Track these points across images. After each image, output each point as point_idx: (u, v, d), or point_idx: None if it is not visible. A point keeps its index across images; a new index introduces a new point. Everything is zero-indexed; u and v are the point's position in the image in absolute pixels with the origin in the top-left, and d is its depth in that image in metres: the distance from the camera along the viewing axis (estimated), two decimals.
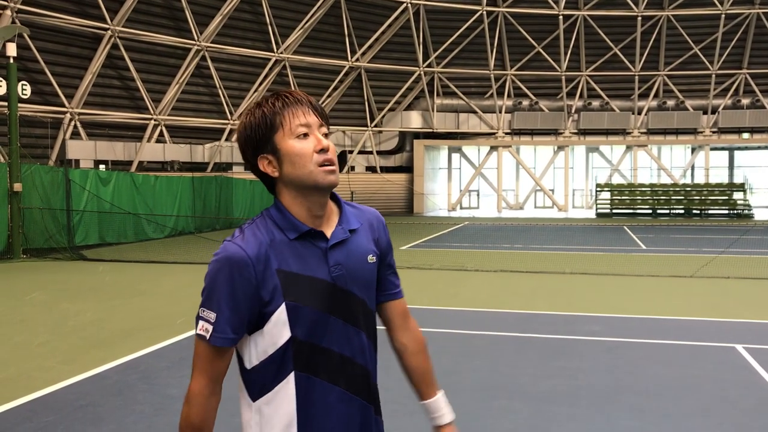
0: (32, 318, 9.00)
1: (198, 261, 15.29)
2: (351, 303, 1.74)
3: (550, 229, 25.85)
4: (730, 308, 9.56)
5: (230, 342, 1.68)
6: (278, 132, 1.69)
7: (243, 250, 1.65)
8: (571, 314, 9.12)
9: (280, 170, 1.72)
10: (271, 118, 1.70)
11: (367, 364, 1.79)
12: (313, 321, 1.68)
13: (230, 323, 1.65)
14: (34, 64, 25.28)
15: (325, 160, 1.69)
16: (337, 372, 1.73)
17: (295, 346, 1.68)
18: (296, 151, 1.68)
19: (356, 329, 1.76)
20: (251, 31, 33.67)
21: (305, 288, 1.67)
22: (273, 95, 1.74)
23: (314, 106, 1.74)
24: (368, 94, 37.84)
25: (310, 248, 1.70)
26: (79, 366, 6.50)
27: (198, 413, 1.70)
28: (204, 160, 31.91)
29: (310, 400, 1.71)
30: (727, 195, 35.36)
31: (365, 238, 1.80)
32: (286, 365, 1.69)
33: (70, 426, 4.90)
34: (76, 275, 13.25)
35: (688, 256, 16.05)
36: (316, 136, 1.71)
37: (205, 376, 1.71)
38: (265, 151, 1.71)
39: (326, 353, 1.71)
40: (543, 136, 39.71)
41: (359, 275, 1.76)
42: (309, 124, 1.70)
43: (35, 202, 16.84)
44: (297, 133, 1.69)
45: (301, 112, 1.70)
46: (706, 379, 6.04)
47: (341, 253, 1.73)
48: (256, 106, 1.74)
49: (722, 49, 38.10)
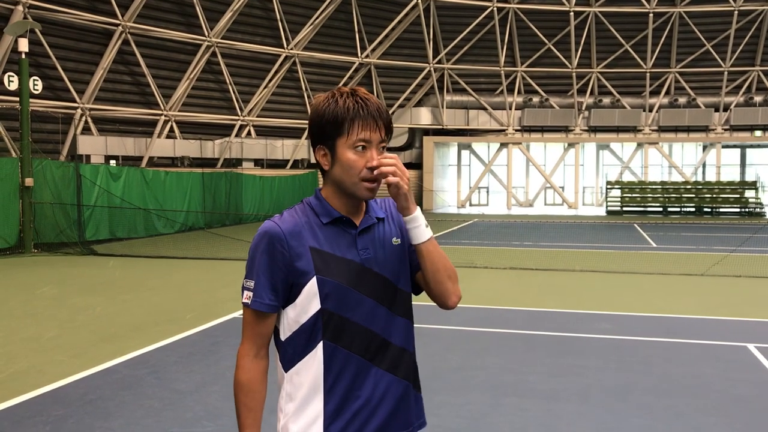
0: (43, 312, 9.05)
1: (208, 257, 15.33)
2: (380, 283, 1.90)
3: (560, 226, 25.76)
4: (741, 307, 9.49)
5: (267, 307, 1.88)
6: (341, 137, 1.84)
7: (279, 226, 1.87)
8: (581, 312, 9.08)
9: (330, 167, 1.88)
10: (341, 120, 1.83)
11: (400, 341, 1.94)
12: (342, 296, 1.86)
13: (267, 290, 1.87)
14: (45, 59, 25.38)
15: (370, 177, 1.84)
16: (367, 346, 1.88)
17: (324, 318, 1.86)
18: (349, 162, 1.84)
19: (386, 308, 1.91)
20: (261, 27, 33.68)
21: (336, 266, 1.86)
22: (353, 94, 1.86)
23: (384, 120, 1.87)
24: (378, 90, 37.78)
25: (341, 233, 1.90)
26: (88, 360, 6.52)
27: (243, 373, 1.91)
28: (214, 156, 31.98)
29: (337, 368, 1.87)
30: (738, 193, 35.11)
31: (389, 225, 1.98)
32: (315, 335, 1.87)
33: (79, 420, 4.92)
34: (86, 270, 13.30)
35: (699, 254, 15.95)
36: (372, 153, 1.85)
37: (249, 341, 1.92)
38: (325, 145, 1.88)
39: (355, 327, 1.87)
40: (553, 133, 39.54)
41: (388, 258, 1.93)
42: (370, 140, 1.84)
43: (46, 197, 16.92)
44: (356, 145, 1.83)
45: (368, 126, 1.84)
46: (717, 378, 6.00)
47: (369, 238, 1.92)
48: (335, 97, 1.87)
49: (735, 46, 37.79)
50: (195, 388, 5.67)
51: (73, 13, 26.09)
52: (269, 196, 28.92)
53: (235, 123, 33.20)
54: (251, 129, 33.81)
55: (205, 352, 6.85)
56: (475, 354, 6.81)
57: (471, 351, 6.92)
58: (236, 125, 33.21)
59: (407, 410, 1.95)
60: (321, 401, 1.87)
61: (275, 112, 34.97)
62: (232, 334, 7.63)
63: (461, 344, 7.17)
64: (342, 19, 35.62)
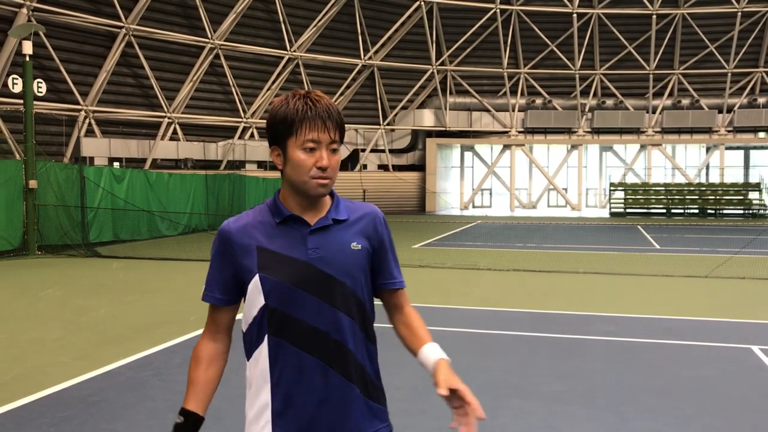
0: (46, 314, 9.06)
1: None
2: (328, 283, 1.92)
3: (564, 228, 25.73)
4: (745, 309, 9.46)
5: (216, 300, 2.03)
6: (291, 137, 1.90)
7: (230, 225, 1.99)
8: (585, 314, 9.06)
9: (283, 167, 1.95)
10: (290, 121, 1.89)
11: (345, 341, 1.94)
12: (285, 293, 1.91)
13: (216, 284, 2.02)
14: (49, 62, 25.44)
15: (320, 176, 1.90)
16: (310, 343, 1.92)
17: (268, 313, 1.93)
18: (299, 161, 1.90)
19: (332, 307, 1.93)
20: (264, 30, 33.73)
21: (280, 265, 1.91)
22: (303, 97, 1.92)
23: (333, 121, 1.91)
24: (381, 92, 37.80)
25: (291, 232, 1.95)
26: (92, 362, 6.53)
27: (195, 349, 2.07)
28: (217, 158, 32.02)
29: (282, 363, 1.93)
30: (742, 195, 35.05)
31: (352, 229, 2.00)
32: (263, 329, 1.96)
33: (83, 422, 4.92)
34: (90, 272, 13.32)
35: (702, 256, 15.92)
36: (322, 152, 1.90)
37: (206, 327, 2.11)
38: (278, 146, 1.94)
39: (298, 323, 1.92)
40: (556, 135, 39.51)
41: (339, 259, 1.95)
42: (319, 141, 1.89)
43: (50, 199, 16.95)
44: (305, 146, 1.89)
45: (316, 127, 1.88)
46: (721, 381, 5.98)
47: (321, 239, 1.95)
48: (287, 99, 1.93)
49: (738, 47, 37.73)
50: None
51: (76, 16, 26.15)
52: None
53: (239, 125, 33.24)
54: (254, 131, 33.84)
55: None
56: (478, 356, 6.79)
57: (474, 353, 6.91)
58: (239, 127, 33.24)
59: (357, 414, 1.93)
60: (269, 392, 1.94)
61: None
62: (235, 336, 7.60)
63: (464, 346, 7.16)
64: (345, 21, 35.65)
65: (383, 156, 38.18)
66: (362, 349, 1.99)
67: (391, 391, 1.92)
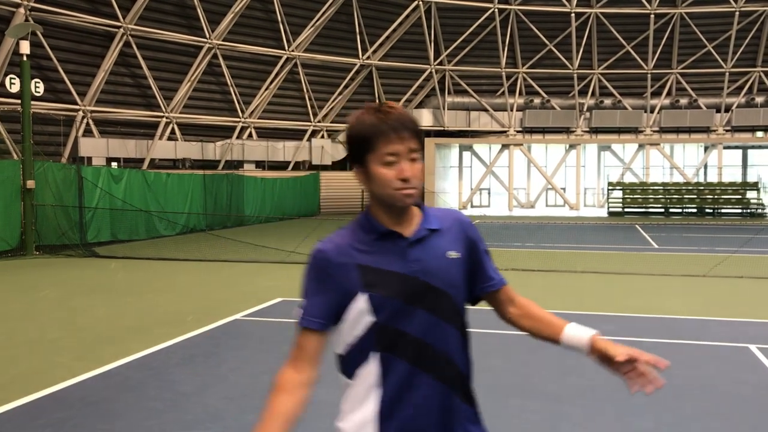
0: (44, 314, 9.05)
1: (209, 258, 15.32)
2: (433, 294, 1.92)
3: (562, 227, 25.74)
4: (743, 308, 9.47)
5: (317, 324, 1.93)
6: (370, 154, 1.89)
7: (326, 247, 1.93)
8: (583, 313, 9.07)
9: (368, 184, 1.94)
10: (366, 138, 1.89)
11: (449, 351, 1.97)
12: (393, 308, 1.89)
13: (316, 308, 1.92)
14: (47, 61, 25.42)
15: (403, 187, 1.89)
16: (418, 356, 1.91)
17: (378, 330, 1.90)
18: (380, 176, 1.89)
19: (438, 318, 1.94)
20: (263, 29, 33.71)
21: (386, 280, 1.89)
22: (375, 111, 1.91)
23: (408, 130, 1.90)
24: (379, 92, 37.80)
25: (390, 247, 1.93)
26: (90, 362, 6.52)
27: (280, 378, 1.94)
28: (215, 158, 31.99)
29: (389, 378, 1.90)
30: (740, 194, 35.07)
31: (446, 237, 2.00)
32: (369, 348, 1.91)
33: (80, 422, 4.91)
34: (88, 272, 13.31)
35: (700, 255, 15.93)
36: (402, 164, 1.88)
37: (294, 358, 1.95)
38: (359, 163, 1.93)
39: (406, 338, 1.90)
40: (555, 135, 39.52)
41: (440, 270, 1.94)
42: (397, 153, 1.88)
43: (48, 199, 16.93)
44: (384, 160, 1.88)
45: (391, 140, 1.87)
46: (719, 380, 5.99)
47: (420, 251, 1.94)
48: (361, 116, 1.92)
49: (736, 46, 37.76)
50: (197, 390, 5.66)
51: (74, 16, 26.13)
52: (270, 198, 28.91)
53: (237, 125, 33.22)
54: (252, 131, 33.83)
55: (206, 354, 6.84)
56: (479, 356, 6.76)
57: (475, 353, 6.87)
58: (237, 127, 33.23)
59: (461, 422, 1.97)
60: (375, 408, 1.91)
61: (276, 114, 34.99)
62: (234, 336, 7.62)
63: None
64: (343, 20, 35.65)
65: None
66: (463, 357, 2.04)
67: None
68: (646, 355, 1.95)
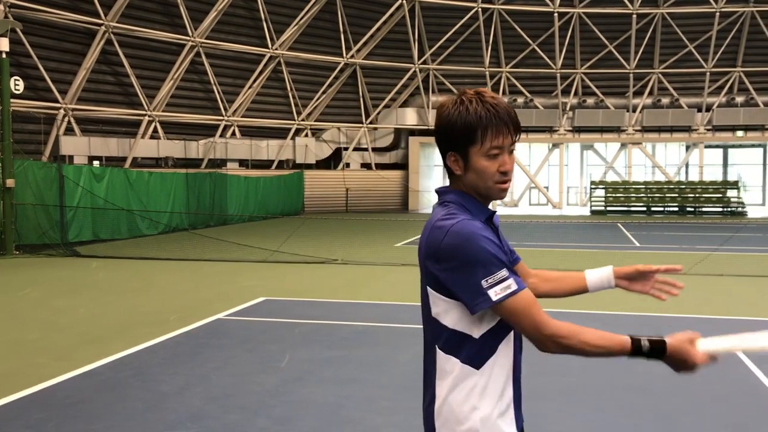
0: (24, 315, 8.96)
1: (192, 258, 15.25)
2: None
3: (545, 226, 25.87)
4: (723, 306, 9.58)
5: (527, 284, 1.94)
6: (475, 145, 1.86)
7: (472, 221, 1.84)
8: (565, 311, 9.11)
9: (463, 173, 1.91)
10: (473, 129, 1.84)
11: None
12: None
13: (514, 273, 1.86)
14: (27, 59, 25.15)
15: (503, 180, 1.90)
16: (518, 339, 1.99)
17: None
18: (483, 168, 1.87)
19: None
20: (246, 27, 33.57)
21: (508, 260, 1.93)
22: (482, 100, 1.86)
23: (513, 124, 1.88)
24: (363, 90, 37.78)
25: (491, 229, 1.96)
26: (71, 362, 6.47)
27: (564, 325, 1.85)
28: (198, 157, 31.82)
29: (516, 359, 1.97)
30: (721, 192, 35.43)
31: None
32: (505, 332, 1.92)
33: (61, 423, 4.88)
34: (69, 272, 13.19)
35: (681, 253, 16.08)
36: (504, 157, 1.89)
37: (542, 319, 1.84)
38: (458, 152, 1.90)
39: None
40: (538, 134, 39.69)
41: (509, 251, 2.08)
42: (502, 146, 1.87)
43: (28, 198, 16.76)
44: (490, 153, 1.86)
45: (500, 133, 1.85)
46: (697, 376, 6.02)
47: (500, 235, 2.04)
48: (464, 104, 1.86)
49: (717, 47, 38.14)
50: (179, 389, 5.64)
51: (55, 13, 25.87)
52: (254, 197, 28.81)
53: (220, 123, 33.06)
54: (236, 129, 33.69)
55: (189, 353, 6.81)
56: None
57: None
58: (221, 125, 33.07)
59: None
60: (511, 390, 1.95)
61: (260, 113, 34.87)
62: (217, 336, 7.59)
63: None
64: (327, 19, 35.58)
65: (366, 155, 38.16)
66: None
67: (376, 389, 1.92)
68: (662, 266, 2.16)
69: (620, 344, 1.86)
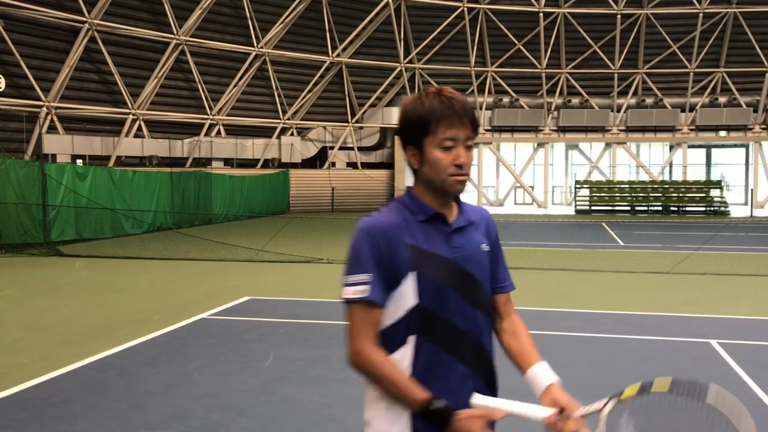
0: (7, 314, 8.89)
1: (176, 257, 15.17)
2: (470, 282, 1.96)
3: (530, 225, 25.98)
4: (705, 304, 9.67)
5: (382, 298, 1.88)
6: (428, 137, 1.89)
7: (377, 221, 1.91)
8: (549, 310, 9.17)
9: (420, 166, 1.94)
10: (427, 120, 1.88)
11: (482, 340, 1.99)
12: (436, 292, 1.90)
13: (379, 282, 1.87)
14: (9, 56, 24.91)
15: (458, 173, 1.90)
16: (453, 343, 1.92)
17: (418, 313, 1.90)
18: (436, 160, 1.90)
19: (473, 307, 1.96)
20: (231, 26, 33.42)
21: (431, 263, 1.90)
22: (437, 95, 1.91)
23: (469, 117, 1.90)
24: (349, 89, 37.75)
25: (435, 230, 1.94)
26: (53, 362, 6.42)
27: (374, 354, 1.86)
28: (183, 155, 31.65)
29: (424, 363, 1.90)
30: (704, 192, 35.74)
31: (479, 231, 2.06)
32: (409, 330, 1.90)
33: (42, 423, 4.84)
34: (52, 271, 13.09)
35: (665, 252, 16.21)
36: (459, 150, 1.90)
37: (364, 335, 1.87)
38: (414, 145, 1.93)
39: (446, 323, 1.91)
40: (523, 133, 39.85)
41: (477, 260, 1.99)
42: (456, 138, 1.89)
43: (10, 197, 16.61)
44: (443, 145, 1.89)
45: (454, 125, 1.88)
46: (680, 374, 6.09)
47: (461, 238, 1.98)
48: (421, 98, 1.92)
49: (700, 47, 38.45)
50: (162, 389, 5.61)
51: (38, 10, 25.63)
52: (239, 196, 28.71)
53: (205, 122, 32.90)
54: (221, 128, 33.54)
55: (172, 353, 6.78)
56: None
57: None
58: (206, 124, 32.91)
59: None
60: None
61: (245, 111, 34.74)
62: (200, 335, 7.56)
63: None
64: (312, 17, 35.50)
65: (352, 154, 38.13)
66: (491, 346, 2.05)
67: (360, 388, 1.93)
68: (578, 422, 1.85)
69: (413, 396, 1.84)
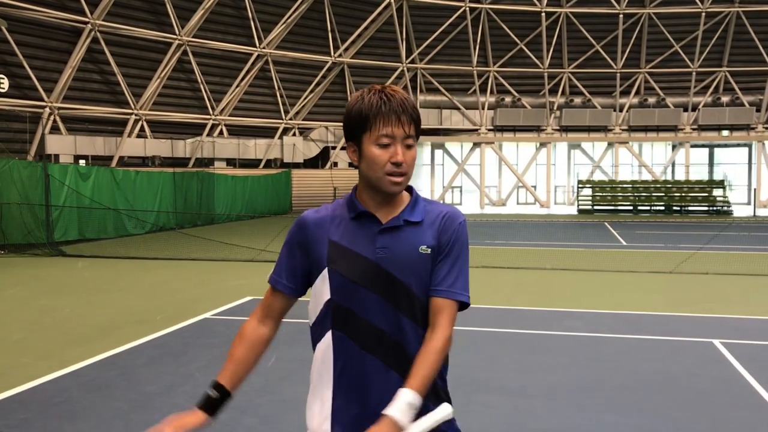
0: (10, 314, 8.90)
1: (179, 257, 15.19)
2: (392, 284, 1.91)
3: (532, 225, 25.97)
4: (707, 304, 9.66)
5: (282, 286, 2.01)
6: (366, 133, 1.89)
7: (307, 215, 2.01)
8: (551, 310, 9.17)
9: (359, 162, 1.94)
10: (365, 117, 1.89)
11: (406, 344, 1.92)
12: (351, 291, 1.91)
13: (284, 270, 2.00)
14: (12, 57, 24.94)
15: (394, 172, 1.89)
16: (372, 342, 1.91)
17: (333, 308, 1.93)
18: (373, 157, 1.89)
19: (394, 309, 1.91)
20: (233, 26, 33.44)
21: (350, 261, 1.91)
22: (378, 92, 1.91)
23: (408, 116, 1.90)
24: (351, 89, 37.73)
25: (364, 228, 1.94)
26: (56, 362, 6.43)
27: (243, 326, 2.06)
28: (185, 156, 31.68)
29: (344, 358, 1.92)
30: (706, 192, 35.66)
31: (426, 231, 1.95)
32: (327, 324, 1.95)
33: (45, 423, 4.85)
34: (55, 271, 13.11)
35: (667, 252, 16.19)
36: (396, 148, 1.88)
37: (259, 308, 2.07)
38: (353, 141, 1.94)
39: (361, 322, 1.91)
40: (525, 133, 39.82)
41: (407, 262, 1.91)
42: (394, 136, 1.88)
43: (13, 198, 16.63)
44: (380, 141, 1.88)
45: (391, 122, 1.87)
46: (683, 374, 6.10)
47: (391, 239, 1.93)
48: (362, 95, 1.93)
49: (702, 47, 38.38)
50: (164, 389, 5.62)
51: (41, 11, 25.66)
52: (241, 196, 28.72)
53: (207, 122, 32.93)
54: (223, 128, 33.57)
55: (175, 353, 6.79)
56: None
57: None
58: (208, 124, 32.94)
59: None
60: (330, 386, 1.95)
61: (248, 112, 34.76)
62: (203, 335, 7.57)
63: None
64: (315, 18, 35.51)
65: None
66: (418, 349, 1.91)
67: None
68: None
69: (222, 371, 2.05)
